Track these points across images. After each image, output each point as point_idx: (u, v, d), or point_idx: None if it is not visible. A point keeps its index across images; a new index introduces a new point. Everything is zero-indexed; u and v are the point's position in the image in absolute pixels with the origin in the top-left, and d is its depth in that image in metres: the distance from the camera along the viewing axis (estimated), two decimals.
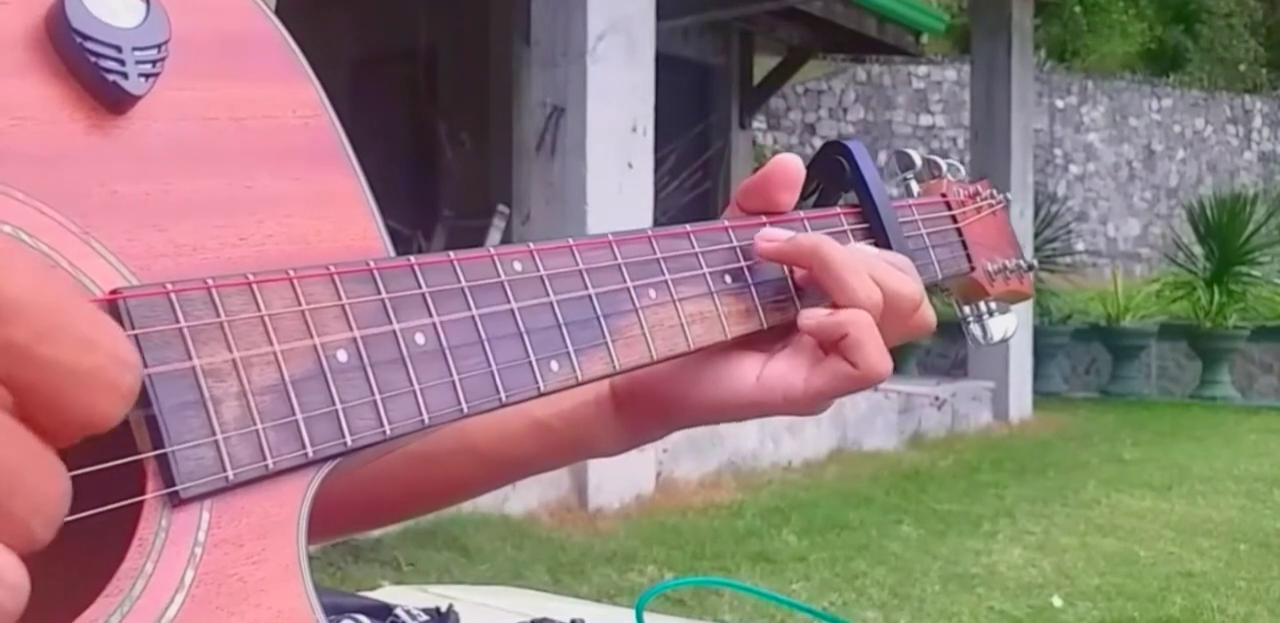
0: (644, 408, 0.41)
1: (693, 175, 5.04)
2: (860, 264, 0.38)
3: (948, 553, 2.70)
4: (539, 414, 0.42)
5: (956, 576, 2.51)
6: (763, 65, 6.18)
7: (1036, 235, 5.59)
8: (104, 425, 0.18)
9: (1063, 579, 2.51)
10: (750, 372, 0.39)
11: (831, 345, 0.38)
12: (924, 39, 6.66)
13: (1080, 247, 7.70)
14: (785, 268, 0.40)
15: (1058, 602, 2.33)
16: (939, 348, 5.97)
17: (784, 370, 0.39)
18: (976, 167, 5.04)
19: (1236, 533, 2.98)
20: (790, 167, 0.41)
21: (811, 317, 0.38)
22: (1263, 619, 2.27)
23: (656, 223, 3.24)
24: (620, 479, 2.97)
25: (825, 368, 0.38)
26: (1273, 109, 9.85)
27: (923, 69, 8.14)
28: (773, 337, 0.40)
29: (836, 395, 0.39)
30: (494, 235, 4.34)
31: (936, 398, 4.58)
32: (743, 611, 2.15)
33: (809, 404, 0.39)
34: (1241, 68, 10.62)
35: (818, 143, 7.74)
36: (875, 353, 0.38)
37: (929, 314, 0.40)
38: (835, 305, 0.38)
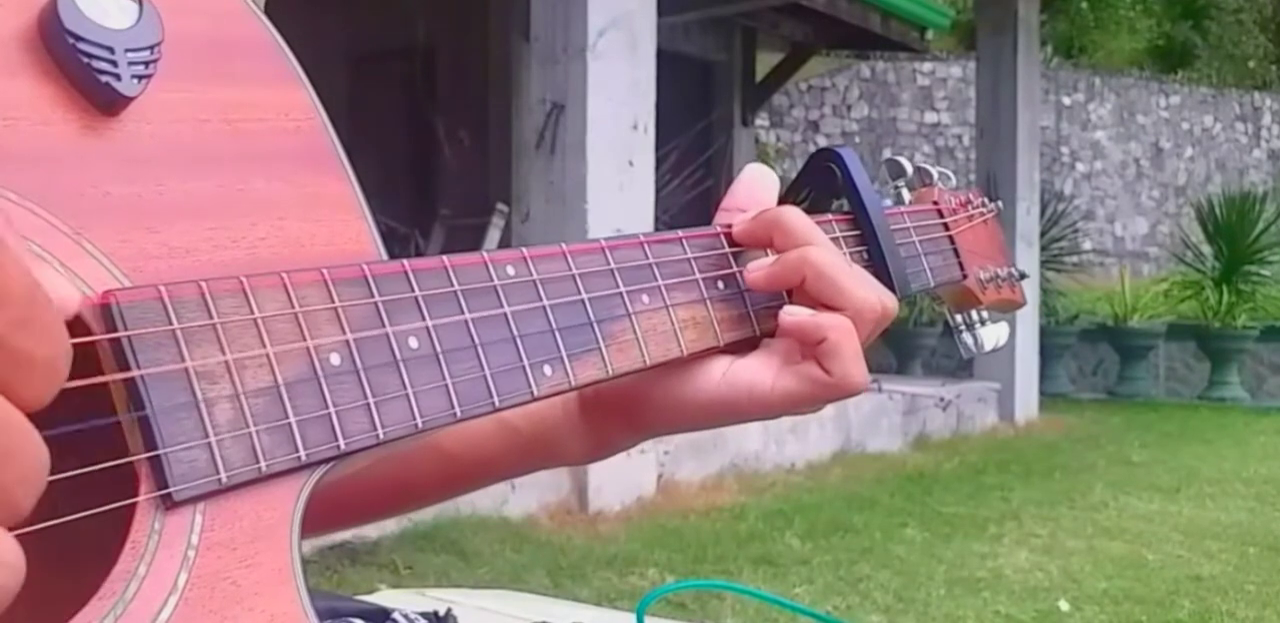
0: (609, 410, 0.40)
1: (694, 173, 5.02)
2: (853, 267, 0.38)
3: (953, 556, 2.68)
4: (506, 416, 0.41)
5: (962, 579, 2.49)
6: (765, 62, 6.17)
7: (1043, 234, 5.56)
8: (38, 409, 0.19)
9: (1069, 583, 2.49)
10: (717, 369, 0.38)
11: (808, 349, 0.37)
12: (929, 35, 6.62)
13: (1087, 246, 7.67)
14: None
15: (1064, 606, 2.32)
16: (944, 348, 5.94)
17: (753, 367, 0.38)
18: (982, 165, 5.02)
19: (1245, 536, 2.96)
20: (761, 169, 0.41)
21: (793, 314, 0.37)
22: None
23: (658, 221, 3.23)
24: (621, 481, 2.96)
25: (797, 370, 0.37)
26: None
27: (927, 66, 8.10)
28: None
29: (805, 402, 0.37)
30: (493, 234, 4.33)
31: (941, 399, 4.57)
32: (745, 615, 2.15)
33: (777, 406, 0.38)
34: (1251, 64, 10.55)
35: (821, 140, 7.73)
36: (851, 362, 0.37)
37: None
38: (832, 309, 0.38)
